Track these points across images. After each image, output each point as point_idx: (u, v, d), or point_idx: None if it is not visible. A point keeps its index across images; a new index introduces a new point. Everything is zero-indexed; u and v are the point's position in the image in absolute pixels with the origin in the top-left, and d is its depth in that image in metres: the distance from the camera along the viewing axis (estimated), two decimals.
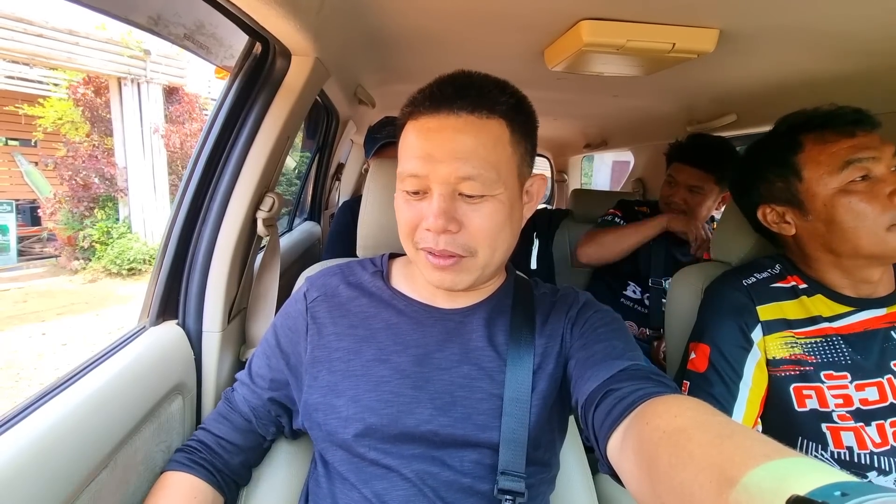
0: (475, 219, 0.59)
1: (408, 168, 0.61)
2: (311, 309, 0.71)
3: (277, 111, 0.92)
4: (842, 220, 0.78)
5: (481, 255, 0.62)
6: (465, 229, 0.60)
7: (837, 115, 0.82)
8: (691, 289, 1.04)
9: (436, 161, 0.58)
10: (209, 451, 0.71)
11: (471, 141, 0.58)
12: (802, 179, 0.83)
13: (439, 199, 0.59)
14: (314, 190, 2.30)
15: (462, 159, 0.57)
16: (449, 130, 0.59)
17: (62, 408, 0.58)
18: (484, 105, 0.59)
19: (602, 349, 0.60)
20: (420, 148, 0.60)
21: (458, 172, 0.58)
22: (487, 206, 0.60)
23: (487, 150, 0.59)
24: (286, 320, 0.73)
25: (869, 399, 0.79)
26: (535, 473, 0.64)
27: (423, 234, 0.61)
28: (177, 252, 0.88)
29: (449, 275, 0.62)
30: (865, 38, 0.88)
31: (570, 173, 3.50)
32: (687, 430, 0.38)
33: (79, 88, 5.81)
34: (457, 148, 0.58)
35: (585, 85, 1.54)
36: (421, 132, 0.61)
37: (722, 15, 0.84)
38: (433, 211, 0.58)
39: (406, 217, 0.63)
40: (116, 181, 5.91)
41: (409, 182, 0.61)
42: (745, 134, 1.78)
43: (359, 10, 0.93)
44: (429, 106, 0.61)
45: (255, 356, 0.76)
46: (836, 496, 0.25)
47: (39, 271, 6.00)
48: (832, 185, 0.79)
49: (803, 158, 0.83)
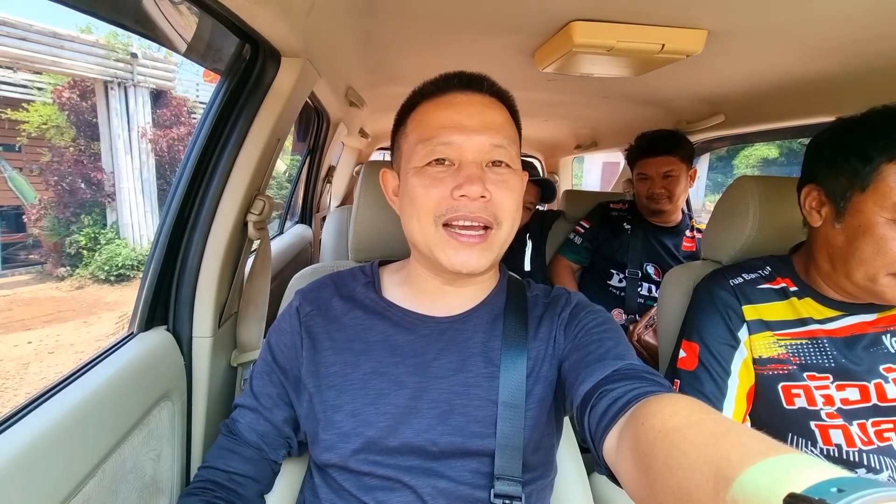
0: (501, 189, 0.62)
1: (437, 136, 0.62)
2: (304, 323, 0.69)
3: (267, 113, 0.91)
4: (862, 248, 0.75)
5: (505, 227, 0.63)
6: (495, 199, 0.61)
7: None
8: (681, 288, 1.05)
9: (469, 130, 0.62)
10: (223, 489, 0.66)
11: (498, 116, 0.65)
12: (865, 189, 0.74)
13: (474, 166, 0.61)
14: (305, 193, 2.29)
15: (494, 129, 0.63)
16: (479, 105, 0.64)
17: (49, 416, 0.57)
18: (500, 93, 0.68)
19: (596, 349, 0.60)
20: (450, 118, 0.63)
21: (492, 139, 0.62)
22: (512, 178, 0.63)
23: (509, 127, 0.66)
24: (280, 336, 0.71)
25: (850, 399, 0.80)
26: (533, 478, 0.64)
27: (452, 205, 0.60)
28: (166, 257, 0.87)
29: (474, 253, 0.61)
30: (850, 38, 0.90)
31: (560, 175, 3.52)
32: (682, 430, 0.38)
33: (64, 92, 5.73)
34: (488, 118, 0.63)
35: (576, 86, 1.56)
36: (450, 105, 0.64)
37: (710, 16, 0.85)
38: (468, 176, 0.60)
39: (428, 191, 0.61)
40: (104, 186, 5.83)
41: (440, 149, 0.62)
42: (731, 134, 1.81)
43: (349, 11, 0.93)
44: (457, 85, 0.66)
45: (254, 377, 0.72)
46: (833, 492, 0.25)
47: (25, 278, 5.89)
48: (887, 214, 0.73)
49: (886, 171, 0.72)
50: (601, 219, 1.86)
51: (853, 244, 0.76)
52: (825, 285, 0.85)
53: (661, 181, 1.66)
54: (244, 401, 0.72)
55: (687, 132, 1.81)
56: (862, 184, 0.74)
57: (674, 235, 1.74)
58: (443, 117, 0.63)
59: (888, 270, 0.74)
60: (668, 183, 1.65)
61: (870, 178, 0.74)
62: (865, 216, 0.74)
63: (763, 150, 10.97)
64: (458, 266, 0.61)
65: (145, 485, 0.73)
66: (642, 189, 1.71)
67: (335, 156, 2.50)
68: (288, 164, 4.49)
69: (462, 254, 0.61)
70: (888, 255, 0.73)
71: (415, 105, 0.68)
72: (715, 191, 10.11)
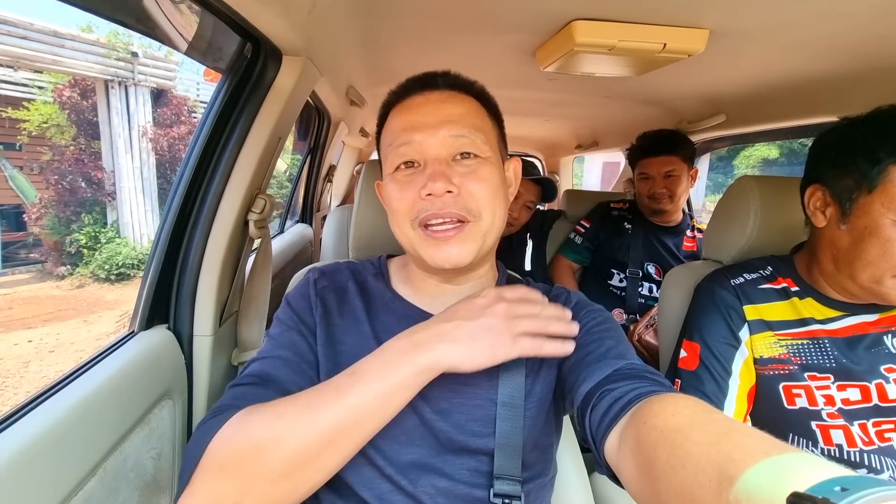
0: (472, 181, 0.61)
1: (400, 139, 0.63)
2: (319, 294, 0.69)
3: (268, 112, 0.91)
4: (868, 250, 0.74)
5: (484, 218, 0.62)
6: (464, 192, 0.61)
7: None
8: (682, 288, 1.05)
9: (428, 128, 0.62)
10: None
11: (458, 108, 0.64)
12: (872, 191, 0.74)
13: (435, 162, 0.61)
14: (306, 192, 2.29)
15: (452, 121, 0.62)
16: (435, 102, 0.64)
17: (50, 415, 0.57)
18: (460, 85, 0.67)
19: (596, 349, 0.59)
20: (409, 121, 0.64)
21: (451, 131, 0.61)
22: (481, 168, 0.62)
23: (472, 116, 0.65)
24: (297, 300, 0.70)
25: (850, 399, 0.80)
26: (532, 477, 0.63)
27: (422, 205, 0.61)
28: (167, 255, 0.87)
29: (454, 246, 0.61)
30: (851, 38, 0.89)
31: (561, 174, 3.52)
32: (684, 429, 0.38)
33: (64, 91, 5.72)
34: (446, 112, 0.63)
35: (577, 86, 1.55)
36: (408, 108, 0.65)
37: (712, 16, 0.85)
38: (431, 174, 0.60)
39: (401, 195, 0.63)
40: (104, 185, 5.83)
41: (403, 151, 0.63)
42: (732, 134, 1.81)
43: (350, 10, 0.93)
44: (413, 89, 0.66)
45: (271, 336, 0.66)
46: (836, 491, 0.25)
47: (25, 277, 5.89)
48: (889, 216, 0.72)
49: (895, 173, 0.72)
50: (602, 218, 1.86)
51: (859, 246, 0.76)
52: (827, 285, 0.85)
53: (663, 181, 1.66)
54: (268, 351, 0.62)
55: (688, 132, 1.81)
56: (869, 185, 0.74)
57: (674, 235, 1.74)
58: (403, 121, 0.65)
59: (894, 272, 0.73)
60: (670, 183, 1.65)
61: (877, 179, 0.73)
62: (872, 218, 0.74)
63: (763, 151, 10.96)
64: (441, 262, 0.62)
65: (146, 483, 0.73)
66: (643, 189, 1.71)
67: (336, 155, 2.50)
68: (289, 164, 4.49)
69: (442, 249, 0.61)
70: (894, 257, 0.72)
71: (385, 116, 0.70)
72: (715, 191, 10.10)
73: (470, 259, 0.63)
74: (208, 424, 0.51)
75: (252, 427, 0.50)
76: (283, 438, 0.48)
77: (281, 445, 0.48)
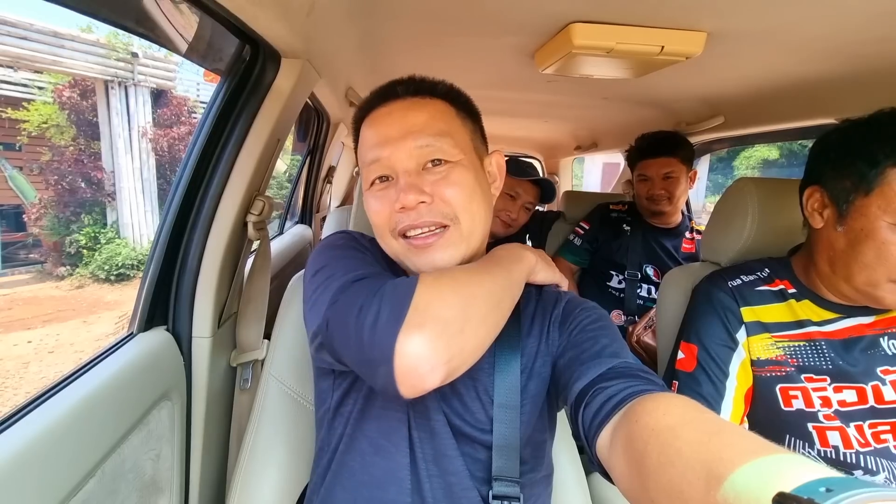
0: (445, 187, 0.61)
1: (369, 156, 0.64)
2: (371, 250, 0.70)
3: (267, 114, 0.91)
4: (864, 253, 0.74)
5: (463, 222, 0.62)
6: (438, 199, 0.61)
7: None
8: (681, 289, 1.05)
9: (394, 140, 0.62)
10: None
11: (421, 115, 0.63)
12: (869, 193, 0.73)
13: (405, 175, 0.61)
14: (305, 193, 2.29)
15: (417, 131, 0.62)
16: (398, 112, 0.64)
17: (49, 416, 0.57)
18: (423, 89, 0.66)
19: (590, 347, 0.60)
20: (376, 134, 0.64)
21: (416, 142, 0.61)
22: (453, 172, 0.62)
23: (437, 121, 0.64)
24: (358, 244, 0.69)
25: (847, 401, 0.80)
26: (527, 472, 0.64)
27: (398, 217, 0.61)
28: (166, 257, 0.87)
29: (437, 252, 0.61)
30: (848, 40, 0.90)
31: (561, 175, 3.52)
32: (675, 428, 0.38)
33: (64, 92, 5.73)
34: (409, 122, 0.63)
35: (575, 87, 1.56)
36: (374, 122, 0.65)
37: (710, 18, 0.85)
38: (401, 187, 0.60)
39: (378, 209, 0.63)
40: (104, 185, 5.84)
41: (374, 168, 0.63)
42: (731, 136, 1.82)
43: (349, 12, 0.93)
44: (375, 102, 0.66)
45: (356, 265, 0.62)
46: (821, 492, 0.25)
47: (25, 278, 5.90)
48: (885, 219, 0.72)
49: (892, 176, 0.71)
50: (601, 220, 1.86)
51: (855, 248, 0.75)
52: (824, 287, 0.85)
53: (662, 182, 1.66)
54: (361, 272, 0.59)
55: (687, 133, 1.81)
56: (867, 187, 0.73)
57: (673, 237, 1.74)
58: (369, 136, 0.65)
59: (889, 276, 0.73)
60: (668, 184, 1.65)
61: (875, 181, 0.72)
62: (868, 220, 0.74)
63: (763, 152, 10.97)
64: (426, 268, 0.62)
65: (145, 484, 0.73)
66: (642, 190, 1.71)
67: (335, 156, 2.50)
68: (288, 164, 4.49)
69: (425, 256, 0.62)
70: (889, 260, 0.72)
71: (357, 131, 0.70)
72: (715, 192, 10.11)
73: (455, 262, 0.63)
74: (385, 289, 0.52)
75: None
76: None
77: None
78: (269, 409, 0.81)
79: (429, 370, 0.47)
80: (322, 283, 0.60)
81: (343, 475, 0.65)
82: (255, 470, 0.78)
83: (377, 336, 0.48)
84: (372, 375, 0.51)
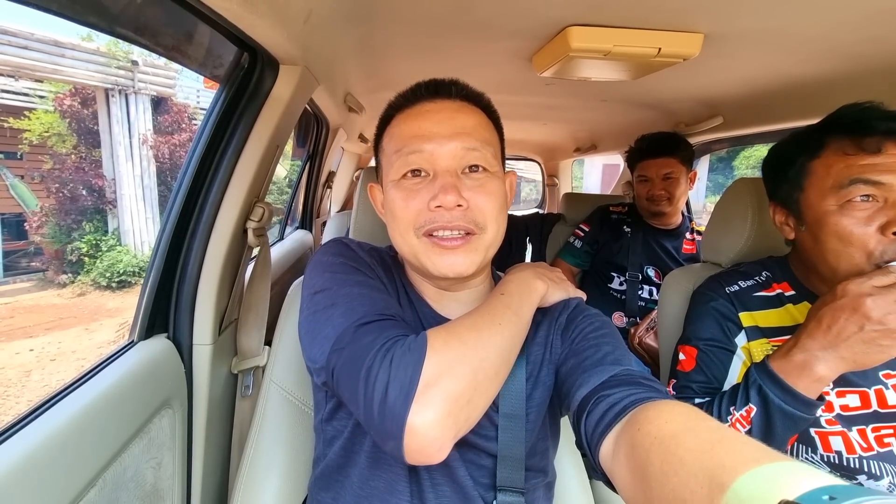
0: (480, 195, 0.61)
1: (408, 147, 0.62)
2: (368, 257, 0.69)
3: (266, 120, 0.91)
4: (827, 241, 0.76)
5: (490, 231, 0.62)
6: (473, 206, 0.61)
7: (869, 120, 0.73)
8: (682, 290, 1.05)
9: (440, 137, 0.61)
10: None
11: (470, 119, 0.64)
12: (803, 189, 0.79)
13: (445, 174, 0.60)
14: (305, 198, 2.29)
15: (465, 133, 0.61)
16: (449, 111, 0.63)
17: (50, 425, 0.57)
18: (471, 96, 0.67)
19: (593, 354, 0.60)
20: (420, 128, 0.62)
21: (464, 143, 0.61)
22: (489, 182, 0.62)
23: (483, 129, 0.64)
24: (358, 253, 0.68)
25: (850, 405, 0.80)
26: (531, 479, 0.64)
27: (429, 216, 0.60)
28: (166, 264, 0.87)
29: (459, 256, 0.60)
30: (845, 40, 0.90)
31: (560, 177, 3.52)
32: (678, 436, 0.38)
33: (65, 100, 5.75)
34: (459, 123, 0.62)
35: (574, 90, 1.56)
36: (419, 115, 0.64)
37: (706, 20, 0.86)
38: (442, 186, 0.59)
39: (407, 203, 0.61)
40: (105, 193, 5.85)
41: (412, 159, 0.61)
42: (730, 136, 1.82)
43: (346, 18, 0.93)
44: (424, 94, 0.65)
45: (364, 293, 0.60)
46: (825, 500, 0.25)
47: (26, 286, 5.90)
48: (831, 201, 0.74)
49: (815, 166, 0.77)
50: (601, 222, 1.86)
51: (820, 240, 0.78)
52: (824, 288, 0.85)
53: (661, 183, 1.66)
54: (369, 314, 0.56)
55: (686, 134, 1.81)
56: (799, 184, 0.80)
57: (674, 238, 1.74)
58: (413, 127, 0.63)
59: (865, 251, 0.72)
60: (668, 185, 1.66)
61: (802, 177, 0.80)
62: (815, 211, 0.78)
63: (764, 151, 10.79)
64: (445, 270, 0.61)
65: (146, 493, 0.73)
66: (642, 191, 1.72)
67: (335, 161, 2.50)
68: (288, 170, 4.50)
69: (447, 258, 0.61)
70: (852, 237, 0.73)
71: (389, 119, 0.68)
72: (715, 192, 10.10)
73: (473, 270, 0.62)
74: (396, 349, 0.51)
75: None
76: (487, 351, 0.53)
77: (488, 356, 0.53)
78: (271, 415, 0.81)
79: (437, 449, 0.48)
80: (322, 310, 0.58)
81: (343, 487, 0.65)
82: (256, 477, 0.78)
83: (387, 411, 0.48)
84: (380, 442, 0.51)
